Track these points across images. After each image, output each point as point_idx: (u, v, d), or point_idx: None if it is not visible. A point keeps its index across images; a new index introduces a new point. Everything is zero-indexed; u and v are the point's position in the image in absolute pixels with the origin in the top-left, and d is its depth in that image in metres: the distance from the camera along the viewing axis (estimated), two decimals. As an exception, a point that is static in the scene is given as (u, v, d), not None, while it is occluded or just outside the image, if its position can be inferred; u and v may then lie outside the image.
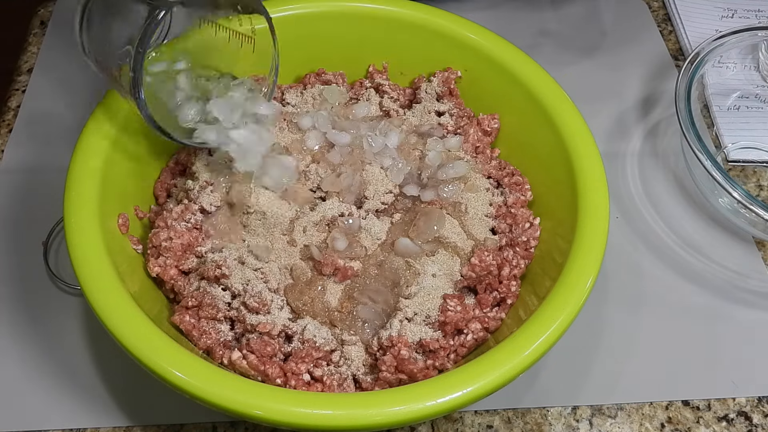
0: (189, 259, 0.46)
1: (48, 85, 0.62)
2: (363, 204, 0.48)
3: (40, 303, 0.50)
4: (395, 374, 0.42)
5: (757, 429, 0.48)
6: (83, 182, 0.43)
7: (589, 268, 0.42)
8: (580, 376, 0.49)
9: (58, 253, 0.52)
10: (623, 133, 0.63)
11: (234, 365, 0.42)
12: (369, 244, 0.47)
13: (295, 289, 0.45)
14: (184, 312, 0.44)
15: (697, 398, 0.49)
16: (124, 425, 0.46)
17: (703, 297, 0.54)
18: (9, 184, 0.56)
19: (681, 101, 0.55)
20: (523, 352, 0.39)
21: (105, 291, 0.40)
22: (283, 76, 0.56)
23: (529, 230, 0.48)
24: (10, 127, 0.60)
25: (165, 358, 0.38)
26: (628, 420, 0.48)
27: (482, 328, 0.44)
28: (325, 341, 0.43)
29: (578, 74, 0.66)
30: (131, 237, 0.46)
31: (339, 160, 0.49)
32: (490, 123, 0.53)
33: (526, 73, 0.51)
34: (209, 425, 0.46)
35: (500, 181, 0.52)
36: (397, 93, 0.55)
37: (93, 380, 0.47)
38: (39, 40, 0.66)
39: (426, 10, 0.54)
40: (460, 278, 0.47)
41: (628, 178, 0.60)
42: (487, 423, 0.47)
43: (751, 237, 0.57)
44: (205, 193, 0.47)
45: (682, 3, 0.56)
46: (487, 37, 0.53)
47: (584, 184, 0.46)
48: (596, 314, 0.51)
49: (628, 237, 0.56)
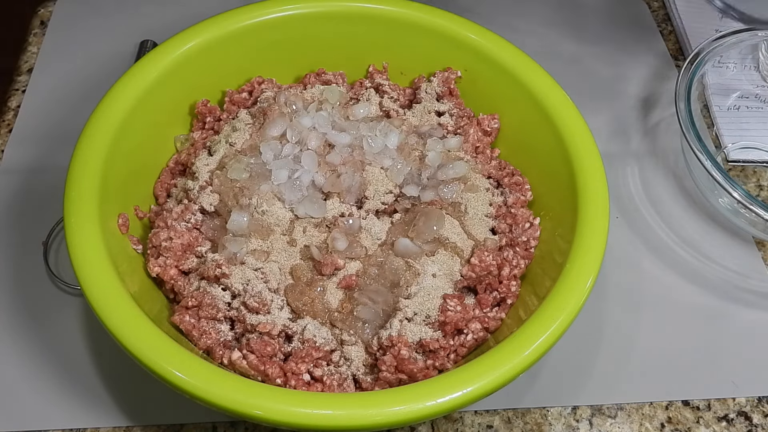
0: (189, 259, 0.46)
1: (48, 85, 0.62)
2: (363, 204, 0.48)
3: (40, 303, 0.50)
4: (395, 374, 0.42)
5: (757, 429, 0.48)
6: (83, 182, 0.43)
7: (589, 268, 0.42)
8: (580, 376, 0.49)
9: (58, 253, 0.52)
10: (623, 133, 0.63)
11: (234, 365, 0.42)
12: (369, 245, 0.47)
13: (295, 290, 0.45)
14: (184, 312, 0.44)
15: (697, 398, 0.49)
16: (124, 425, 0.46)
17: (703, 297, 0.54)
18: (9, 184, 0.56)
19: (681, 101, 0.55)
20: (523, 352, 0.39)
21: (105, 291, 0.40)
22: (283, 76, 0.56)
23: (529, 230, 0.48)
24: (10, 127, 0.60)
25: (165, 358, 0.38)
26: (628, 420, 0.48)
27: (482, 328, 0.44)
28: (325, 341, 0.43)
29: (578, 74, 0.66)
30: (131, 237, 0.46)
31: (339, 161, 0.49)
32: (490, 123, 0.53)
33: (526, 73, 0.51)
34: (209, 425, 0.46)
35: (500, 181, 0.52)
36: (397, 93, 0.55)
37: (93, 380, 0.47)
38: (39, 40, 0.66)
39: (426, 10, 0.54)
40: (460, 278, 0.47)
41: (628, 178, 0.60)
42: (487, 423, 0.47)
43: (751, 237, 0.57)
44: (205, 193, 0.47)
45: (682, 3, 0.56)
46: (487, 37, 0.53)
47: (584, 184, 0.46)
48: (596, 314, 0.51)
49: (628, 237, 0.56)
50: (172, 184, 0.51)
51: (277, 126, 0.50)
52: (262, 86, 0.54)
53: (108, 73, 0.61)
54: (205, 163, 0.49)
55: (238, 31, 0.52)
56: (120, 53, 0.65)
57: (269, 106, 0.51)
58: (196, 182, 0.48)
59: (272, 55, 0.55)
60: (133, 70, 0.49)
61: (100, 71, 0.63)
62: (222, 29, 0.52)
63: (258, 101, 0.53)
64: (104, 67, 0.63)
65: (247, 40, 0.53)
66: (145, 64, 0.49)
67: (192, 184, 0.48)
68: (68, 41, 0.66)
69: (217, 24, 0.52)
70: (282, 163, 0.48)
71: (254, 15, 0.53)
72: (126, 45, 0.65)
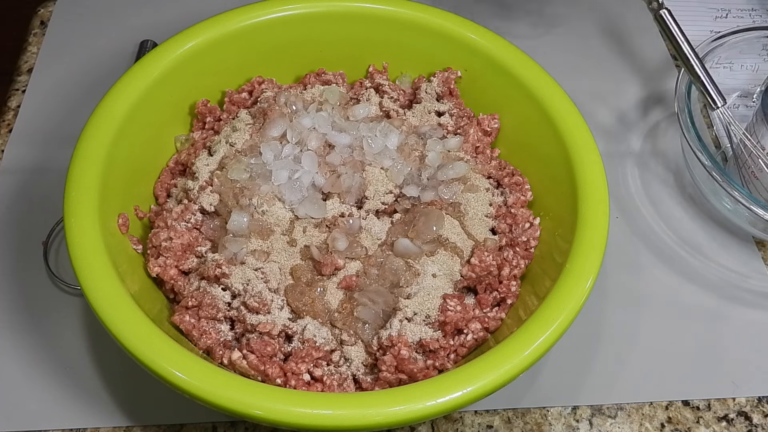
0: (189, 259, 0.46)
1: (48, 85, 0.62)
2: (363, 204, 0.48)
3: (40, 303, 0.50)
4: (395, 374, 0.42)
5: (757, 429, 0.48)
6: (83, 182, 0.43)
7: (589, 268, 0.42)
8: (580, 376, 0.49)
9: (58, 253, 0.52)
10: (623, 133, 0.63)
11: (234, 365, 0.42)
12: (369, 245, 0.47)
13: (295, 290, 0.45)
14: (184, 312, 0.44)
15: (697, 398, 0.49)
16: (124, 425, 0.46)
17: (703, 297, 0.54)
18: (9, 184, 0.56)
19: (681, 101, 0.55)
20: (523, 352, 0.39)
21: (105, 291, 0.40)
22: (283, 76, 0.56)
23: (529, 230, 0.48)
24: (10, 127, 0.60)
25: (165, 358, 0.38)
26: (628, 420, 0.48)
27: (482, 328, 0.44)
28: (325, 341, 0.43)
29: (578, 74, 0.66)
30: (131, 237, 0.46)
31: (339, 161, 0.49)
32: (490, 123, 0.53)
33: (526, 73, 0.51)
34: (209, 425, 0.46)
35: (500, 181, 0.52)
36: (397, 93, 0.55)
37: (93, 380, 0.47)
38: (39, 40, 0.66)
39: (426, 10, 0.54)
40: (460, 278, 0.47)
41: (628, 178, 0.60)
42: (487, 423, 0.47)
43: (751, 237, 0.57)
44: (205, 193, 0.47)
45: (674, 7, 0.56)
46: (487, 37, 0.53)
47: (584, 184, 0.46)
48: (596, 314, 0.51)
49: (628, 237, 0.56)
50: (172, 184, 0.51)
51: (278, 126, 0.50)
52: (262, 86, 0.54)
53: (108, 73, 0.61)
54: (205, 163, 0.49)
55: (238, 31, 0.52)
56: (120, 53, 0.65)
57: (269, 106, 0.51)
58: (196, 182, 0.48)
59: (272, 55, 0.55)
60: (133, 70, 0.49)
61: (100, 71, 0.63)
62: (222, 29, 0.52)
63: (258, 101, 0.53)
64: (104, 67, 0.64)
65: (247, 40, 0.53)
66: (145, 64, 0.49)
67: (192, 184, 0.48)
68: (68, 41, 0.66)
69: (217, 24, 0.52)
70: (282, 163, 0.48)
71: (254, 15, 0.53)
72: (126, 45, 0.65)
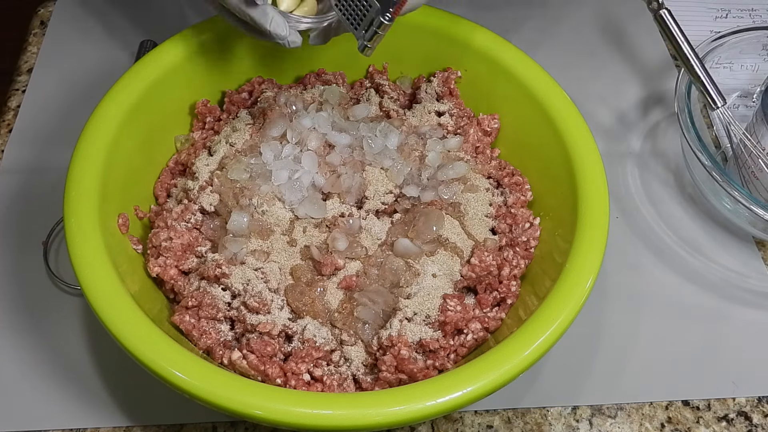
0: (189, 259, 0.46)
1: (48, 86, 0.62)
2: (363, 204, 0.48)
3: (40, 303, 0.50)
4: (395, 374, 0.42)
5: (757, 429, 0.48)
6: (83, 182, 0.43)
7: (589, 268, 0.42)
8: (580, 376, 0.49)
9: (58, 253, 0.52)
10: (623, 133, 0.63)
11: (234, 365, 0.42)
12: (369, 245, 0.47)
13: (295, 290, 0.45)
14: (184, 312, 0.44)
15: (697, 398, 0.49)
16: (124, 425, 0.46)
17: (703, 297, 0.53)
18: (9, 184, 0.56)
19: (681, 101, 0.55)
20: (523, 352, 0.39)
21: (105, 291, 0.40)
22: (283, 76, 0.56)
23: (529, 230, 0.48)
24: (10, 127, 0.60)
25: (165, 358, 0.38)
26: (628, 420, 0.48)
27: (482, 328, 0.44)
28: (325, 341, 0.43)
29: (578, 74, 0.66)
30: (131, 237, 0.46)
31: (339, 161, 0.49)
32: (490, 123, 0.53)
33: (526, 73, 0.51)
34: (209, 425, 0.46)
35: (500, 181, 0.52)
36: (397, 93, 0.55)
37: (93, 380, 0.47)
38: (39, 40, 0.66)
39: (426, 11, 0.54)
40: (460, 278, 0.47)
41: (628, 178, 0.60)
42: (487, 423, 0.47)
43: (751, 237, 0.57)
44: (205, 193, 0.47)
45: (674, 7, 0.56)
46: (487, 37, 0.53)
47: (584, 184, 0.46)
48: (596, 314, 0.51)
49: (628, 237, 0.56)
50: (172, 184, 0.51)
51: (278, 126, 0.50)
52: (262, 86, 0.54)
53: (108, 73, 0.61)
54: (205, 163, 0.49)
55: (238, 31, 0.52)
56: (120, 53, 0.65)
57: (269, 106, 0.51)
58: (196, 182, 0.48)
59: (272, 55, 0.55)
60: (133, 70, 0.49)
61: (100, 71, 0.63)
62: (222, 29, 0.52)
63: (258, 101, 0.53)
64: (104, 67, 0.63)
65: (247, 40, 0.53)
66: (145, 64, 0.49)
67: (192, 184, 0.48)
68: (68, 41, 0.66)
69: (217, 24, 0.52)
70: (282, 163, 0.48)
71: (254, 15, 0.53)
72: (126, 45, 0.65)
